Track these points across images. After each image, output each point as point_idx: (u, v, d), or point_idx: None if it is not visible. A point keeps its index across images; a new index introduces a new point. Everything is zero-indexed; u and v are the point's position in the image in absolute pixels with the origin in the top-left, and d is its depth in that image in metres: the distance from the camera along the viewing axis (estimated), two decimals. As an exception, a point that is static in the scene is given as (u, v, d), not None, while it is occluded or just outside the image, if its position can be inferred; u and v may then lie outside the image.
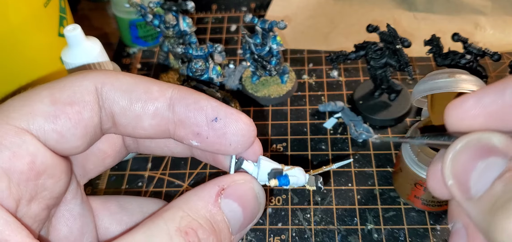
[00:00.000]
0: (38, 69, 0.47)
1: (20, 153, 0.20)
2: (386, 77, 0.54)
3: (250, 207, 0.23)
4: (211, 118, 0.23)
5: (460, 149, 0.20)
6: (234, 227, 0.23)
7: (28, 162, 0.21)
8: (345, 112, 0.57)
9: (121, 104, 0.23)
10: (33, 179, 0.21)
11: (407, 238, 0.45)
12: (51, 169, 0.22)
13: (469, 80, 0.40)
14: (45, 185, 0.22)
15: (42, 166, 0.21)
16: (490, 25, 0.67)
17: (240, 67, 0.63)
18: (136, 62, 0.68)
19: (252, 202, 0.24)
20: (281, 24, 0.52)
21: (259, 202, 0.24)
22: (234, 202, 0.23)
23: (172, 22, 0.56)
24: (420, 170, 0.43)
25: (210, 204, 0.22)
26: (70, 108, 0.22)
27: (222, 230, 0.22)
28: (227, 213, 0.22)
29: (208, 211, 0.22)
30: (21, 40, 0.44)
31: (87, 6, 0.81)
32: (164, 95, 0.23)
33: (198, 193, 0.22)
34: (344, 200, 0.48)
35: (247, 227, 0.24)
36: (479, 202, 0.19)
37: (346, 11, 0.73)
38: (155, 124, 0.24)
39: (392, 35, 0.51)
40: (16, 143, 0.20)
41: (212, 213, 0.22)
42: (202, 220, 0.21)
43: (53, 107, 0.22)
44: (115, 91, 0.23)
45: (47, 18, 0.47)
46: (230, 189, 0.23)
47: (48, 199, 0.23)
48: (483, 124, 0.21)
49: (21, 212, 0.21)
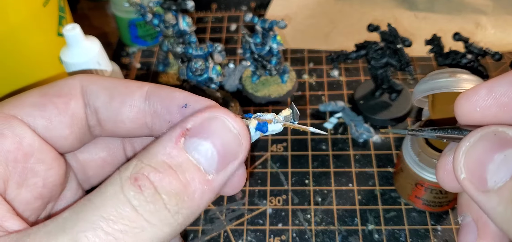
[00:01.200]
0: (37, 69, 0.47)
1: (7, 133, 0.21)
2: (387, 77, 0.54)
3: (224, 142, 0.21)
4: (181, 105, 0.24)
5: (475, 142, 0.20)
6: (208, 167, 0.20)
7: (15, 142, 0.21)
8: (345, 112, 0.56)
9: (102, 99, 0.24)
10: (21, 160, 0.22)
11: (408, 239, 0.44)
12: (40, 154, 0.23)
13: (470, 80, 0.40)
14: (35, 170, 0.22)
15: (29, 148, 0.22)
16: (491, 24, 0.67)
17: (240, 67, 0.63)
18: (135, 61, 0.68)
19: (226, 136, 0.21)
20: (281, 23, 0.52)
21: (234, 132, 0.21)
22: (202, 140, 0.21)
23: (171, 21, 0.56)
24: (421, 170, 0.43)
25: (169, 147, 0.20)
26: (57, 99, 0.24)
27: (187, 170, 0.20)
28: (194, 154, 0.20)
29: (166, 154, 0.20)
30: (20, 39, 0.44)
31: (87, 5, 0.81)
32: (140, 89, 0.24)
33: (159, 139, 0.21)
34: (345, 201, 0.48)
35: (231, 164, 0.21)
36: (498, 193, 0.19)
37: (346, 11, 0.73)
38: (132, 116, 0.24)
39: (393, 34, 0.51)
40: (4, 126, 0.21)
41: (170, 155, 0.20)
42: (156, 164, 0.20)
43: (41, 98, 0.23)
44: (97, 88, 0.24)
45: (46, 17, 0.46)
46: (196, 128, 0.21)
47: (41, 187, 0.23)
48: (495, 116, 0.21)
49: (11, 195, 0.21)
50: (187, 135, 0.21)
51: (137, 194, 0.19)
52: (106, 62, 0.46)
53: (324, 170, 0.51)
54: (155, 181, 0.19)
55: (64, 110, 0.24)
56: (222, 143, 0.21)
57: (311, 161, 0.52)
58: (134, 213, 0.18)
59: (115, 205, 0.18)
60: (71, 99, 0.24)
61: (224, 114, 0.22)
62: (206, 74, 0.51)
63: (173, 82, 0.62)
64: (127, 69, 0.67)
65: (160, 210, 0.19)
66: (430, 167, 0.42)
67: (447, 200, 0.44)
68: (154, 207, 0.19)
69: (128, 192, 0.19)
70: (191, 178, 0.20)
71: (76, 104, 0.24)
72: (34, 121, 0.23)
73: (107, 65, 0.46)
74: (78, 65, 0.43)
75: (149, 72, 0.66)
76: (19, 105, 0.23)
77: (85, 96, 0.24)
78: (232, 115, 0.22)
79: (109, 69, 0.46)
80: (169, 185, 0.19)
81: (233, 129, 0.21)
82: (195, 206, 0.20)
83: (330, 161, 0.52)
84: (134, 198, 0.19)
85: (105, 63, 0.45)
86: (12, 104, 0.23)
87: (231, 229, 0.47)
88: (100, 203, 0.18)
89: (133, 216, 0.18)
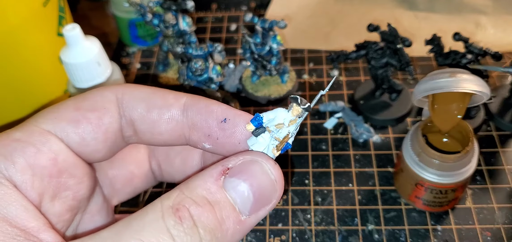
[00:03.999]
0: (37, 69, 0.47)
1: (44, 150, 0.22)
2: (387, 77, 0.54)
3: (260, 186, 0.22)
4: (220, 119, 0.24)
5: None
6: (243, 207, 0.21)
7: (51, 158, 0.22)
8: (345, 112, 0.56)
9: (139, 111, 0.25)
10: (55, 175, 0.23)
11: (408, 239, 0.44)
12: (73, 169, 0.24)
13: (470, 80, 0.40)
14: (68, 184, 0.23)
15: (64, 164, 0.23)
16: (491, 24, 0.67)
17: (240, 67, 0.63)
18: (135, 61, 0.68)
19: (264, 180, 0.22)
20: (281, 23, 0.52)
21: (271, 178, 0.22)
22: (240, 181, 0.22)
23: (171, 21, 0.56)
24: (421, 170, 0.43)
25: (209, 183, 0.21)
26: (91, 114, 0.24)
27: (224, 208, 0.21)
28: (232, 193, 0.21)
29: (206, 189, 0.21)
30: (20, 39, 0.44)
31: (87, 5, 0.81)
32: (178, 102, 0.25)
33: (201, 174, 0.22)
34: (345, 201, 0.48)
35: (263, 208, 0.22)
36: None
37: (346, 11, 0.73)
38: (170, 128, 0.25)
39: (393, 34, 0.50)
40: (41, 141, 0.22)
41: (210, 191, 0.21)
42: (197, 198, 0.21)
43: (76, 113, 0.24)
44: (134, 100, 0.25)
45: (46, 17, 0.46)
46: (236, 168, 0.22)
47: (71, 200, 0.24)
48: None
49: (45, 207, 0.22)
50: (227, 174, 0.22)
51: (177, 225, 0.19)
52: (106, 62, 0.46)
53: (324, 170, 0.51)
54: (195, 214, 0.20)
55: (97, 126, 0.24)
56: (258, 187, 0.22)
57: (311, 161, 0.52)
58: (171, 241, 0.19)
59: (155, 231, 0.19)
60: (105, 115, 0.24)
61: (265, 159, 0.23)
62: (206, 74, 0.51)
63: (173, 82, 0.62)
64: (127, 69, 0.67)
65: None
66: (430, 167, 0.42)
67: (447, 200, 0.44)
68: (191, 239, 0.19)
69: (168, 221, 0.19)
70: (226, 216, 0.21)
71: (110, 118, 0.25)
72: (68, 137, 0.24)
73: (107, 65, 0.46)
74: (78, 65, 0.43)
75: (149, 72, 0.66)
76: (54, 120, 0.23)
77: (121, 108, 0.25)
78: (272, 161, 0.23)
79: (109, 69, 0.46)
80: (206, 219, 0.20)
81: (271, 174, 0.22)
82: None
83: (330, 161, 0.52)
84: (174, 228, 0.19)
85: (105, 63, 0.45)
86: (48, 118, 0.23)
87: (231, 229, 0.47)
88: (140, 227, 0.19)
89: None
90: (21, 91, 0.47)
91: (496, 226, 0.45)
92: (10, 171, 0.21)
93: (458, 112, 0.42)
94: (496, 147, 0.52)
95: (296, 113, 0.23)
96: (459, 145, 0.45)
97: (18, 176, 0.21)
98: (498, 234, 0.44)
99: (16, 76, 0.46)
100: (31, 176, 0.22)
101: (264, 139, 0.24)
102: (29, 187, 0.21)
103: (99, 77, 0.45)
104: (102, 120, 0.24)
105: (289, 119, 0.23)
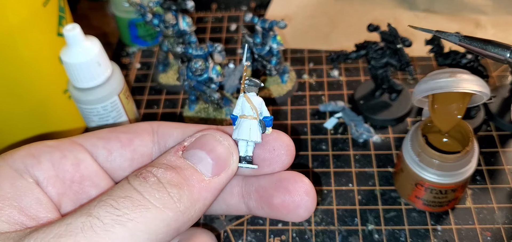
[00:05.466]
0: (37, 69, 0.47)
1: (68, 155, 0.25)
2: (387, 77, 0.54)
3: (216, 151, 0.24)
4: None
5: None
6: (204, 169, 0.23)
7: (73, 164, 0.25)
8: (345, 112, 0.56)
9: (175, 137, 0.27)
10: (77, 181, 0.25)
11: (408, 239, 0.44)
12: (96, 178, 0.26)
13: (470, 80, 0.40)
14: (90, 193, 0.26)
15: (86, 171, 0.25)
16: (491, 24, 0.67)
17: (240, 67, 0.63)
18: (135, 61, 0.68)
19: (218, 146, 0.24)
20: (281, 23, 0.52)
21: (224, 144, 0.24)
22: (197, 149, 0.24)
23: (171, 21, 0.56)
24: (421, 170, 0.43)
25: (169, 155, 0.24)
26: (122, 135, 0.27)
27: (186, 170, 0.23)
28: (191, 159, 0.23)
29: (167, 159, 0.23)
30: (20, 39, 0.44)
31: (86, 5, 0.81)
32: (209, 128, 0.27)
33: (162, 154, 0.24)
34: (345, 201, 0.48)
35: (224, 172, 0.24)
36: None
37: (346, 11, 0.73)
38: None
39: (393, 34, 0.50)
40: (68, 149, 0.25)
41: (171, 161, 0.23)
42: (158, 165, 0.23)
43: (109, 133, 0.27)
44: (169, 128, 0.28)
45: (46, 17, 0.46)
46: (192, 143, 0.24)
47: None
48: None
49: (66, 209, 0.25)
50: (184, 149, 0.24)
51: (142, 182, 0.21)
52: (106, 62, 0.46)
53: (324, 170, 0.51)
54: (158, 174, 0.22)
55: (126, 145, 0.27)
56: (214, 152, 0.24)
57: (311, 161, 0.52)
58: (140, 195, 0.21)
59: (123, 190, 0.21)
60: (136, 137, 0.27)
61: (215, 131, 0.25)
62: (206, 74, 0.51)
63: (173, 82, 0.62)
64: (127, 69, 0.67)
65: (164, 196, 0.21)
66: (430, 167, 0.42)
67: (447, 200, 0.44)
68: (158, 192, 0.21)
69: (133, 182, 0.21)
70: (189, 175, 0.23)
71: (140, 141, 0.27)
72: (96, 150, 0.26)
73: (107, 65, 0.46)
74: (78, 65, 0.43)
75: (149, 72, 0.66)
76: (87, 137, 0.27)
77: (155, 136, 0.28)
78: (221, 132, 0.25)
79: (109, 69, 0.46)
80: (170, 176, 0.22)
81: (223, 141, 0.25)
82: (195, 199, 0.22)
83: (330, 161, 0.52)
84: (140, 185, 0.21)
85: (105, 63, 0.45)
86: (83, 135, 0.27)
87: (231, 229, 0.47)
88: (109, 192, 0.21)
89: (139, 198, 0.21)
90: (21, 91, 0.47)
91: (496, 226, 0.45)
92: (34, 168, 0.24)
93: (458, 112, 0.42)
94: (496, 147, 0.52)
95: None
96: (459, 145, 0.45)
97: (41, 174, 0.24)
98: (498, 234, 0.44)
99: (16, 76, 0.46)
100: (53, 176, 0.24)
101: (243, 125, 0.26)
102: (50, 185, 0.24)
103: (99, 77, 0.45)
104: (132, 141, 0.27)
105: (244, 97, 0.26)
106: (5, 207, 0.22)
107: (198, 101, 0.57)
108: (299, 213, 0.26)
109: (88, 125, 0.50)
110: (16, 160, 0.24)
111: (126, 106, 0.49)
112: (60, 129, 0.53)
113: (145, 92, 0.63)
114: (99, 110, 0.47)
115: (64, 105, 0.52)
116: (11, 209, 0.22)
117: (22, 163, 0.24)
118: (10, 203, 0.22)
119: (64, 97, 0.52)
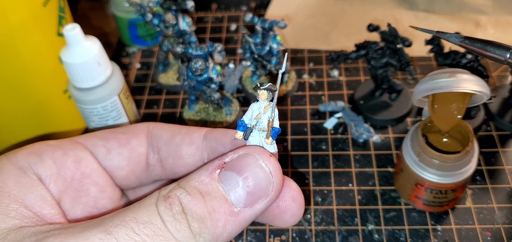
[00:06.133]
0: (37, 69, 0.47)
1: (69, 153, 0.26)
2: (387, 77, 0.54)
3: (254, 178, 0.22)
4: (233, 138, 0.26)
5: None
6: (236, 199, 0.22)
7: (74, 161, 0.26)
8: (345, 112, 0.56)
9: (165, 138, 0.28)
10: (77, 178, 0.26)
11: (408, 239, 0.44)
12: (96, 176, 0.27)
13: (470, 80, 0.40)
14: (89, 190, 0.26)
15: (86, 169, 0.26)
16: (491, 24, 0.67)
17: (240, 67, 0.63)
18: (135, 61, 0.68)
19: (257, 173, 0.23)
20: (281, 23, 0.52)
21: (266, 171, 0.23)
22: (234, 173, 0.22)
23: (171, 21, 0.56)
24: (421, 170, 0.43)
25: (204, 175, 0.22)
26: (120, 135, 0.28)
27: (215, 199, 0.22)
28: (225, 185, 0.22)
29: (199, 181, 0.22)
30: (20, 39, 0.44)
31: (87, 5, 0.81)
32: (199, 131, 0.28)
33: (199, 169, 0.23)
34: (345, 201, 0.48)
35: (260, 201, 0.23)
36: None
37: (346, 11, 0.73)
38: (191, 152, 0.28)
39: (393, 34, 0.51)
40: (69, 148, 0.26)
41: (203, 183, 0.22)
42: (188, 188, 0.22)
43: (108, 133, 0.28)
44: (161, 129, 0.29)
45: (46, 17, 0.46)
46: (232, 162, 0.23)
47: (92, 208, 0.27)
48: None
49: (65, 207, 0.25)
50: (223, 168, 0.23)
51: (167, 210, 0.21)
52: (106, 62, 0.46)
53: (324, 170, 0.51)
54: (184, 202, 0.21)
55: (124, 144, 0.28)
56: (252, 179, 0.22)
57: (311, 161, 0.52)
58: (162, 225, 0.20)
59: (148, 213, 0.21)
60: (133, 137, 0.28)
61: (259, 153, 0.23)
62: (206, 74, 0.51)
63: (173, 82, 0.62)
64: (127, 69, 0.67)
65: (184, 229, 0.21)
66: (430, 167, 0.42)
67: (447, 200, 0.44)
68: (179, 225, 0.21)
69: (160, 206, 0.21)
70: (217, 206, 0.22)
71: (137, 141, 0.28)
72: (96, 149, 0.27)
73: (107, 65, 0.46)
74: (78, 65, 0.43)
75: (149, 72, 0.66)
76: (88, 137, 0.28)
77: (150, 137, 0.29)
78: (266, 155, 0.23)
79: (109, 69, 0.46)
80: (194, 207, 0.21)
81: (265, 167, 0.23)
82: (218, 233, 0.21)
83: (330, 161, 0.52)
84: (164, 212, 0.21)
85: (105, 63, 0.45)
86: (83, 136, 0.28)
87: (231, 229, 0.47)
88: (136, 208, 0.21)
89: (161, 227, 0.20)
90: (21, 91, 0.47)
91: (496, 226, 0.45)
92: (37, 165, 0.24)
93: (458, 112, 0.42)
94: (496, 147, 0.52)
95: (264, 98, 0.24)
96: (459, 145, 0.45)
97: (44, 171, 0.25)
98: (498, 234, 0.44)
99: (16, 76, 0.46)
100: (55, 173, 0.25)
101: (254, 136, 0.25)
102: (53, 182, 0.25)
103: (99, 77, 0.45)
104: (130, 141, 0.28)
105: (263, 106, 0.25)
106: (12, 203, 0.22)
107: (198, 101, 0.57)
108: (285, 218, 0.26)
109: (88, 125, 0.50)
110: (20, 158, 0.24)
111: (126, 106, 0.49)
112: (60, 129, 0.53)
113: (145, 92, 0.63)
114: (99, 110, 0.47)
115: (64, 105, 0.52)
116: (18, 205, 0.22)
117: (26, 161, 0.24)
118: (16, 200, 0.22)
119: (64, 97, 0.52)
